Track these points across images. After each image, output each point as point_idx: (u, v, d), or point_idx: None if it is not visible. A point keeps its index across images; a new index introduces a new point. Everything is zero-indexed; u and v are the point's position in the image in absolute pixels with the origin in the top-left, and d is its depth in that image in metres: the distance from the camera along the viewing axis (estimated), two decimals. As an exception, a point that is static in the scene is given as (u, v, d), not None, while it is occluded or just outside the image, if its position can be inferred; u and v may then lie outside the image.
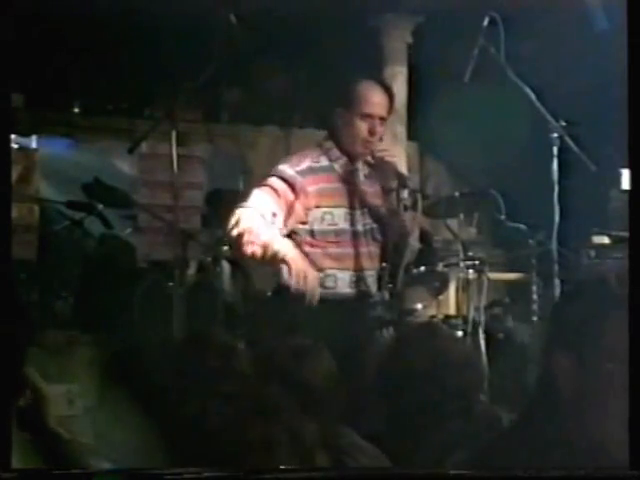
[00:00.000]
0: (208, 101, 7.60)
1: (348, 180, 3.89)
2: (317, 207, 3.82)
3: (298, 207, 3.79)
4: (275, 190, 3.78)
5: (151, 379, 2.64)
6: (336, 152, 3.89)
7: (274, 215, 3.74)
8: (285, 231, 3.79)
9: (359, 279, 3.87)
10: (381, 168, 3.89)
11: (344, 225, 3.85)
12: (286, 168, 3.82)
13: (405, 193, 3.81)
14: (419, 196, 3.89)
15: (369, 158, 3.90)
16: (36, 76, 6.50)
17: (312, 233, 3.82)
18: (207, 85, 4.91)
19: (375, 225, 3.92)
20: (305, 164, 3.84)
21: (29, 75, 6.04)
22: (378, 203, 3.92)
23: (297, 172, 3.80)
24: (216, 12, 4.84)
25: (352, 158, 3.90)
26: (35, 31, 5.82)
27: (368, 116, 3.83)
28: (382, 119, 3.87)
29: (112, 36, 6.75)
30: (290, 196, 3.78)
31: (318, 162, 3.87)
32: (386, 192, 3.90)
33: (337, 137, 3.89)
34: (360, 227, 3.88)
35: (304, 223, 3.82)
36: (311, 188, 3.80)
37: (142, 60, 7.13)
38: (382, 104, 3.89)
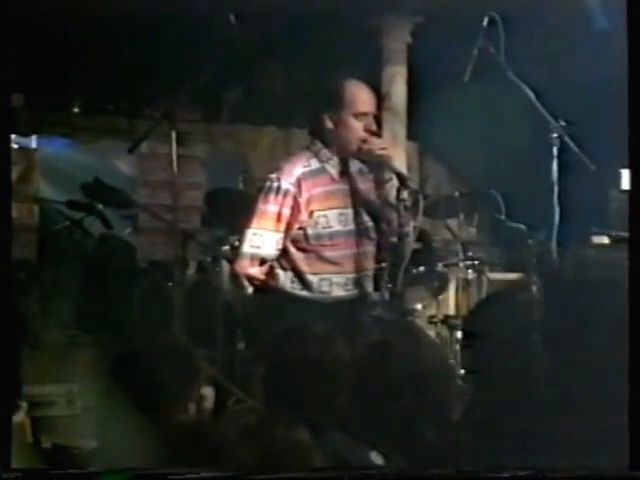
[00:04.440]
0: (208, 101, 7.59)
1: (341, 180, 3.89)
2: (311, 211, 3.82)
3: (297, 218, 3.80)
4: (278, 214, 3.78)
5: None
6: (326, 153, 3.87)
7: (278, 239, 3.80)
8: (287, 242, 3.81)
9: (355, 281, 3.87)
10: (373, 161, 3.88)
11: (339, 227, 3.84)
12: (282, 183, 3.79)
13: (405, 193, 3.80)
14: (420, 197, 3.87)
15: (362, 155, 3.89)
16: (36, 76, 6.49)
17: (307, 237, 3.82)
18: (207, 85, 4.91)
19: (370, 223, 3.91)
20: (297, 172, 3.81)
21: (29, 75, 6.04)
22: (372, 198, 3.92)
23: (291, 184, 3.79)
24: (216, 12, 4.84)
25: (345, 157, 3.89)
26: (35, 31, 5.82)
27: (363, 115, 3.84)
28: (375, 116, 3.89)
29: (112, 36, 6.75)
30: (290, 212, 3.79)
31: (309, 166, 3.86)
32: (380, 186, 3.90)
33: (329, 138, 3.87)
34: (355, 227, 3.87)
35: (299, 228, 3.83)
36: (306, 195, 3.80)
37: (142, 60, 7.13)
38: (372, 101, 3.90)
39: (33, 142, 6.74)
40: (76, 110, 7.71)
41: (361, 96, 3.86)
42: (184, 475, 2.01)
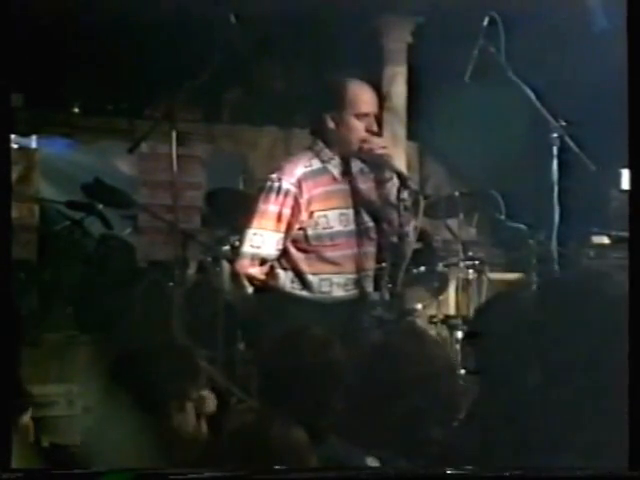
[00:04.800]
0: (208, 101, 7.60)
1: (342, 180, 3.88)
2: (312, 212, 3.82)
3: (298, 219, 3.80)
4: (279, 214, 3.78)
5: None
6: (328, 152, 3.87)
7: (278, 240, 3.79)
8: (287, 242, 3.81)
9: (356, 281, 3.87)
10: (374, 161, 3.88)
11: (339, 227, 3.83)
12: (283, 183, 3.79)
13: (406, 194, 3.80)
14: (421, 197, 3.87)
15: (363, 155, 3.89)
16: (36, 76, 6.49)
17: (307, 238, 3.81)
18: (207, 85, 4.91)
19: (371, 224, 3.91)
20: (298, 172, 3.81)
21: (29, 75, 6.04)
22: (373, 199, 3.91)
23: (292, 184, 3.79)
24: (216, 12, 4.85)
25: (346, 157, 3.88)
26: (35, 31, 5.82)
27: (364, 115, 3.83)
28: (376, 116, 3.88)
29: (112, 36, 6.75)
30: (290, 212, 3.78)
31: (310, 166, 3.85)
32: (381, 186, 3.89)
33: (330, 138, 3.86)
34: (356, 227, 3.86)
35: (300, 229, 3.82)
36: (306, 196, 3.79)
37: (142, 60, 7.13)
38: (374, 101, 3.89)
39: (33, 142, 6.74)
40: (76, 110, 7.72)
41: (363, 96, 3.86)
42: (186, 475, 2.01)
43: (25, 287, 6.00)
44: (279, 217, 3.78)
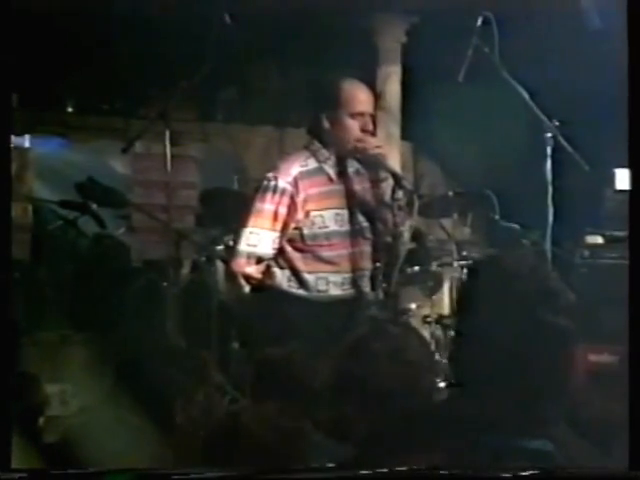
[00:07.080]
0: (202, 101, 7.60)
1: (338, 180, 3.89)
2: (307, 211, 3.82)
3: (293, 217, 3.80)
4: (275, 213, 3.78)
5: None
6: (325, 152, 3.88)
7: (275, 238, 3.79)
8: (283, 241, 3.82)
9: (352, 280, 3.87)
10: (369, 162, 3.89)
11: (335, 227, 3.85)
12: (279, 181, 3.79)
13: (400, 193, 3.81)
14: (415, 197, 3.88)
15: (358, 154, 3.90)
16: (30, 76, 6.48)
17: (303, 237, 3.82)
18: (201, 85, 4.92)
19: (366, 224, 3.92)
20: (294, 171, 3.82)
21: (23, 75, 6.03)
22: (369, 199, 3.92)
23: (288, 183, 3.79)
24: (211, 12, 4.85)
25: (342, 157, 3.89)
26: (29, 31, 5.81)
27: (359, 114, 3.84)
28: (371, 116, 3.89)
29: (107, 35, 6.74)
30: (286, 211, 3.79)
31: (307, 165, 3.87)
32: (376, 185, 3.91)
33: (326, 138, 3.87)
34: (351, 227, 3.88)
35: (295, 228, 3.83)
36: (302, 195, 3.80)
37: (136, 60, 7.12)
38: (369, 101, 3.91)
39: (27, 141, 6.74)
40: (70, 109, 7.71)
41: (358, 96, 3.87)
42: (188, 475, 2.02)
43: (19, 287, 5.99)
44: (275, 216, 3.78)
